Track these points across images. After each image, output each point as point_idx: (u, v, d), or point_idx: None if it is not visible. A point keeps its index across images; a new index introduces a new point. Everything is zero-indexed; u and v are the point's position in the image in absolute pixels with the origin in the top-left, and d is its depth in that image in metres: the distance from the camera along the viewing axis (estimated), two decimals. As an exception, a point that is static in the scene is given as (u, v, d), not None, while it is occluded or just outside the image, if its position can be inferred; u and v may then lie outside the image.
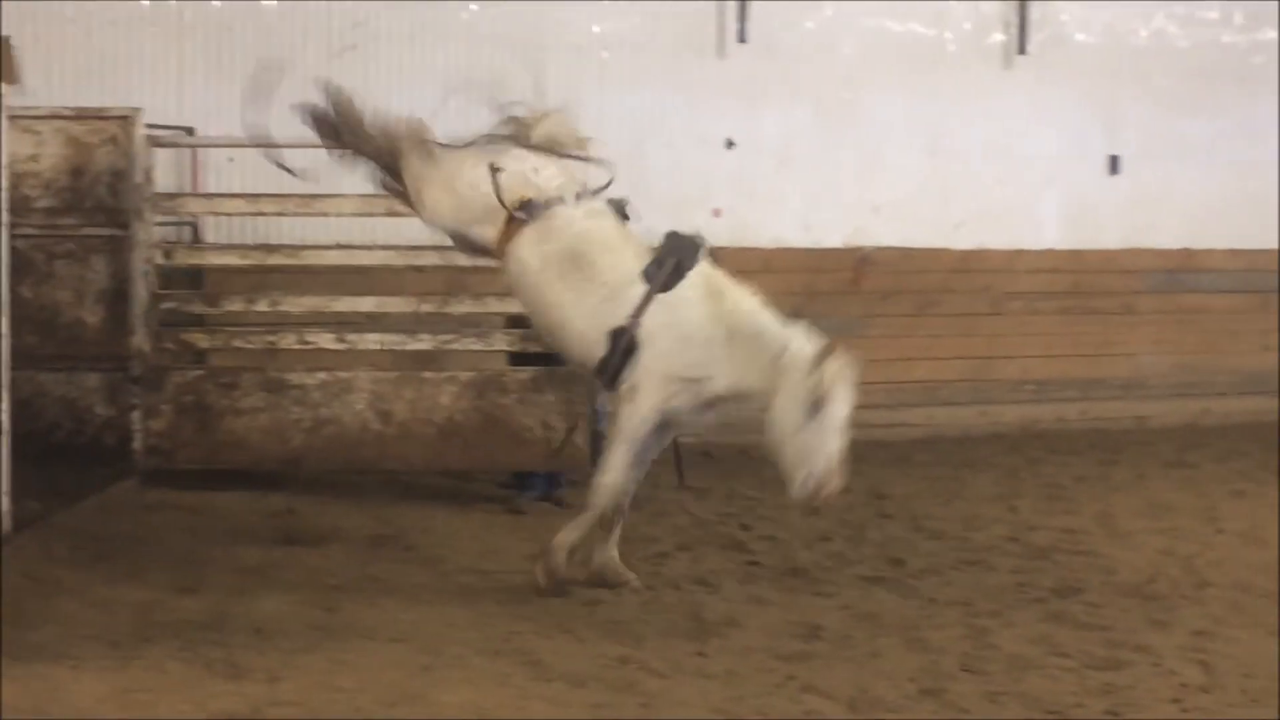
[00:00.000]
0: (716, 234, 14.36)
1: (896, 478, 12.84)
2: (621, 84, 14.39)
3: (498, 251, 9.52)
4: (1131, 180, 16.28)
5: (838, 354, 8.65)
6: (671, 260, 9.19)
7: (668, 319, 9.10)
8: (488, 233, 9.52)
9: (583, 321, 9.23)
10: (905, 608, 9.18)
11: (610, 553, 9.47)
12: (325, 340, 11.83)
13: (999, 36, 15.79)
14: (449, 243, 11.81)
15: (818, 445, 8.65)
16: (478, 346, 11.98)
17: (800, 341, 8.87)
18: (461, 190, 9.53)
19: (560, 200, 9.37)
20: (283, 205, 11.93)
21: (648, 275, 9.17)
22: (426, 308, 11.94)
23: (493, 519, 11.32)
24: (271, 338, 11.85)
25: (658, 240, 9.33)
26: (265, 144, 9.84)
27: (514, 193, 9.36)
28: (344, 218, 12.11)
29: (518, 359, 11.85)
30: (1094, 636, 8.75)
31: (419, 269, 11.99)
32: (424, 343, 11.91)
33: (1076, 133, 16.09)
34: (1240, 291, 16.65)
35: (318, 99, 9.73)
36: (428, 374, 11.85)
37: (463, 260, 11.80)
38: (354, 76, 13.57)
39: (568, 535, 9.31)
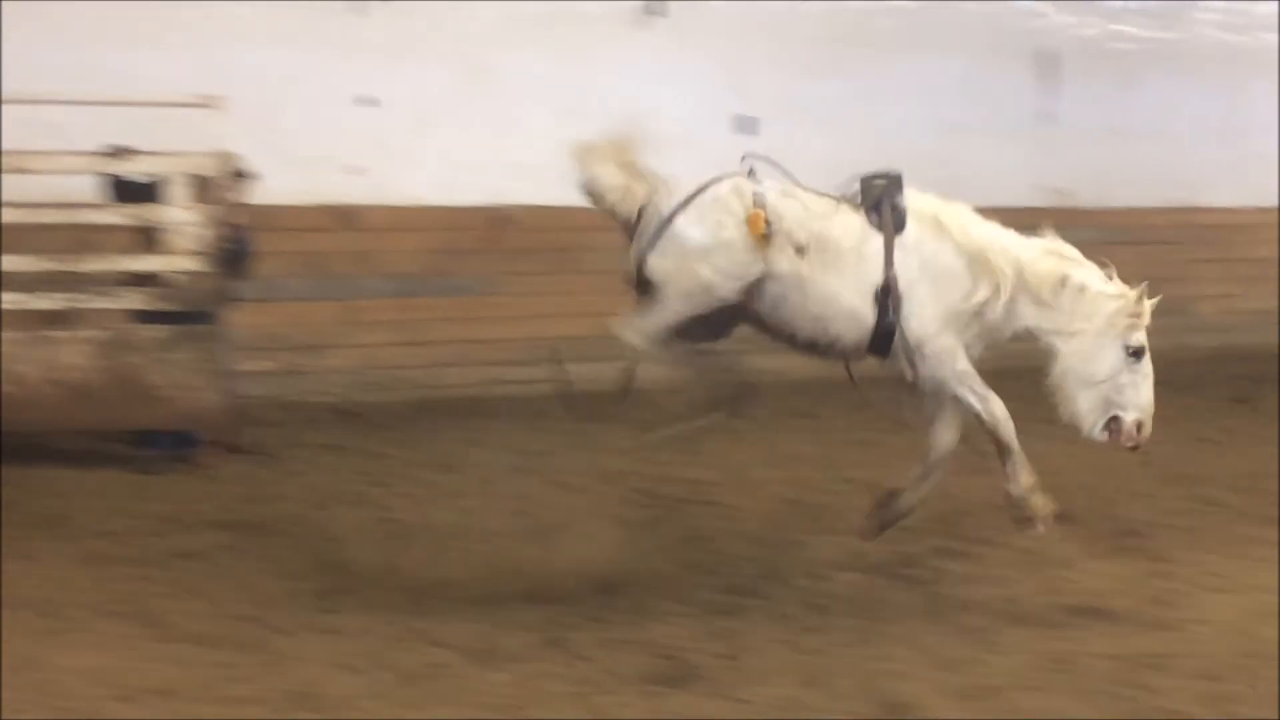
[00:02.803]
0: (353, 193, 14.53)
1: (533, 433, 12.96)
2: (255, 39, 14.13)
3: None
4: (764, 142, 16.58)
5: (1147, 297, 8.54)
6: (886, 201, 8.79)
7: (918, 258, 8.75)
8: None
9: (850, 295, 8.73)
10: (534, 561, 9.31)
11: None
12: (-53, 301, 11.47)
13: (636, -2, 15.99)
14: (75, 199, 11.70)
15: (1134, 391, 8.57)
16: (107, 305, 11.73)
17: (1095, 280, 8.68)
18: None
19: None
20: (-101, 161, 11.53)
21: (875, 224, 8.77)
22: (54, 265, 11.65)
23: (121, 479, 11.15)
24: (-112, 298, 11.44)
25: (852, 189, 8.88)
26: None
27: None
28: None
29: (148, 317, 11.66)
30: (716, 583, 9.07)
31: (46, 226, 11.70)
32: (52, 301, 11.62)
33: (710, 94, 16.32)
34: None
35: None
36: (55, 333, 11.59)
37: (92, 217, 11.63)
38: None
39: (1024, 480, 8.76)
